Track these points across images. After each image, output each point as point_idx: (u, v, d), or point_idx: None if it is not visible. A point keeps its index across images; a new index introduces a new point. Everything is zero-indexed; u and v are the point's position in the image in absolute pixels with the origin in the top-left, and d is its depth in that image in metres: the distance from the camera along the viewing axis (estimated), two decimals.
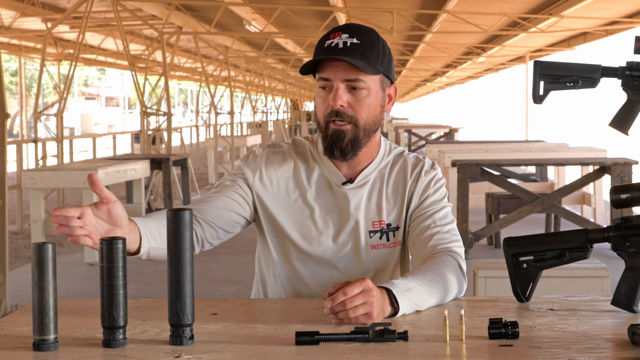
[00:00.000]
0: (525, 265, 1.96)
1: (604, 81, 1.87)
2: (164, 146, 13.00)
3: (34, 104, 10.49)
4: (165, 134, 12.68)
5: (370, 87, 2.04)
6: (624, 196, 1.85)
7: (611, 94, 2.04)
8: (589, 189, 9.43)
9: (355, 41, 2.01)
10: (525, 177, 10.89)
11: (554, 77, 1.86)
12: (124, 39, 11.95)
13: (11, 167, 13.41)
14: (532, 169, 13.48)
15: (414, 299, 1.85)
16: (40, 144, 10.64)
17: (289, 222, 2.13)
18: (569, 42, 17.77)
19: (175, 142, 22.88)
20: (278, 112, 35.21)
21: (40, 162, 10.61)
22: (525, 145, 12.01)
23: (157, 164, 9.43)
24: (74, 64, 10.47)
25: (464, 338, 1.63)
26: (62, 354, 1.58)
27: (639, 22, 13.21)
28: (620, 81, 1.85)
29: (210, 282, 6.82)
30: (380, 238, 2.12)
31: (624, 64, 1.84)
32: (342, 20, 13.21)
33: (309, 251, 2.12)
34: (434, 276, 1.93)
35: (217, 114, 18.01)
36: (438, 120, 52.47)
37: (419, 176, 2.15)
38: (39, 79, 10.67)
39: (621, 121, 1.87)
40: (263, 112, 28.53)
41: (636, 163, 7.47)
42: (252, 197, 2.14)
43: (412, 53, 21.29)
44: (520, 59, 21.63)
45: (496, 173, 8.76)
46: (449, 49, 20.08)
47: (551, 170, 11.65)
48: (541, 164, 8.80)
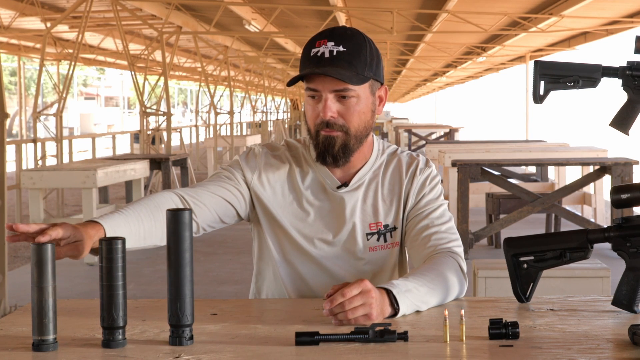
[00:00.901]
0: (525, 266, 1.96)
1: (605, 81, 1.87)
2: (163, 146, 13.00)
3: (33, 103, 10.48)
4: (164, 133, 12.69)
5: (359, 95, 2.01)
6: (624, 196, 1.85)
7: (612, 94, 2.04)
8: (589, 189, 9.43)
9: (341, 49, 1.98)
10: (526, 177, 10.89)
11: (554, 76, 1.86)
12: (123, 38, 11.96)
13: (10, 167, 13.39)
14: (532, 169, 13.47)
15: (414, 299, 1.84)
16: (39, 144, 10.63)
17: (287, 223, 2.12)
18: (569, 41, 17.78)
19: (175, 142, 22.86)
20: (278, 112, 35.22)
21: (40, 162, 10.61)
22: (526, 145, 11.99)
23: (157, 164, 9.43)
24: (73, 63, 10.46)
25: (464, 338, 1.63)
26: (61, 355, 1.57)
27: (639, 21, 13.20)
28: (621, 81, 1.84)
29: (210, 282, 6.81)
30: (378, 240, 2.11)
31: (624, 64, 1.83)
32: (342, 20, 13.20)
33: (307, 252, 2.11)
34: (434, 277, 1.92)
35: (216, 113, 18.02)
36: (438, 120, 52.51)
37: (414, 175, 2.14)
38: (38, 78, 10.66)
39: (622, 121, 1.86)
40: (263, 112, 28.55)
41: (637, 163, 7.46)
42: (250, 195, 2.13)
43: (412, 53, 21.28)
44: (520, 58, 21.66)
45: (496, 173, 8.75)
46: (449, 48, 20.08)
47: (551, 170, 11.65)
48: (541, 164, 8.80)
